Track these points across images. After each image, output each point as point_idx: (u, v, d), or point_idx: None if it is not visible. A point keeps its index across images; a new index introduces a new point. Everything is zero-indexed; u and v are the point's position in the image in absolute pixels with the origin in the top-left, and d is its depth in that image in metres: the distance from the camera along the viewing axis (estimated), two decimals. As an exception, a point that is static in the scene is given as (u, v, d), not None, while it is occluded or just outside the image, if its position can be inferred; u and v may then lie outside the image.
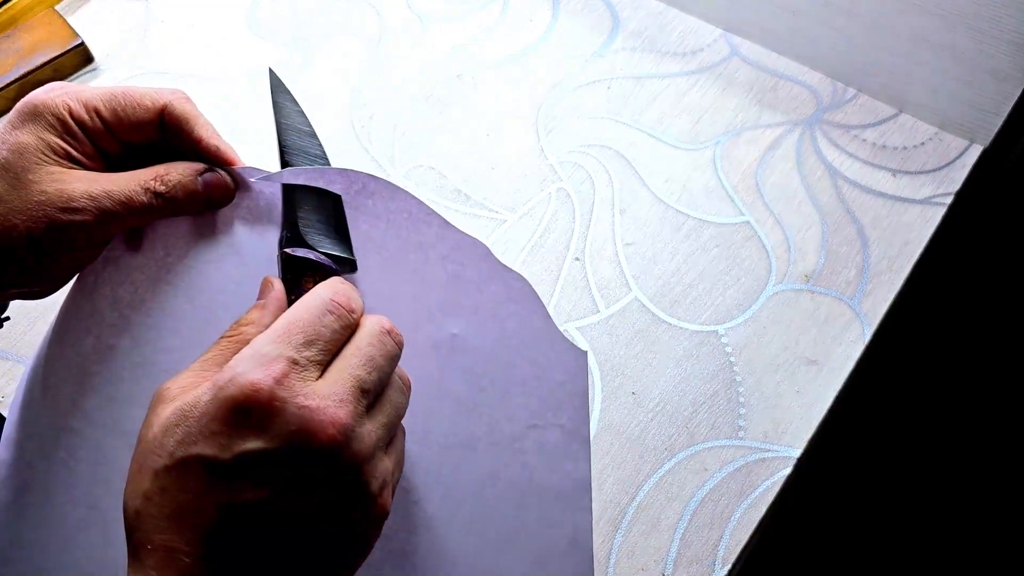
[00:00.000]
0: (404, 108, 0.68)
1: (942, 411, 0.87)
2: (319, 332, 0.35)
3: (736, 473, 0.54)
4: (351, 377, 0.35)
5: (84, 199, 0.40)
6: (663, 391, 0.56)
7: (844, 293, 0.59)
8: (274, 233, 0.44)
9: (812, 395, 0.56)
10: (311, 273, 0.41)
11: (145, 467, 0.34)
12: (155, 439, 0.34)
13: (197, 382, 0.35)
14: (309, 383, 0.34)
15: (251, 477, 0.33)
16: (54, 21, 0.70)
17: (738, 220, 0.62)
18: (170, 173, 0.42)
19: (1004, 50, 0.58)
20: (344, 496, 0.34)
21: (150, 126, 0.42)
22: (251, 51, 0.71)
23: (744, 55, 0.69)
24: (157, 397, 0.36)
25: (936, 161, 0.64)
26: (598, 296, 0.59)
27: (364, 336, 0.37)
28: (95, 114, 0.41)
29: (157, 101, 0.42)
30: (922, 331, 0.78)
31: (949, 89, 0.63)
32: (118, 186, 0.41)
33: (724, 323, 0.58)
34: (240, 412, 0.33)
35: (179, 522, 0.33)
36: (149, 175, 0.42)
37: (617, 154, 0.65)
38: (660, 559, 0.51)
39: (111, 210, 0.40)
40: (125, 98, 0.42)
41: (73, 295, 0.44)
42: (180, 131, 0.43)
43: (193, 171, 0.42)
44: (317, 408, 0.33)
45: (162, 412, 0.35)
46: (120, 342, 0.43)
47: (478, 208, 0.63)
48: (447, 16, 0.73)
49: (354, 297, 0.37)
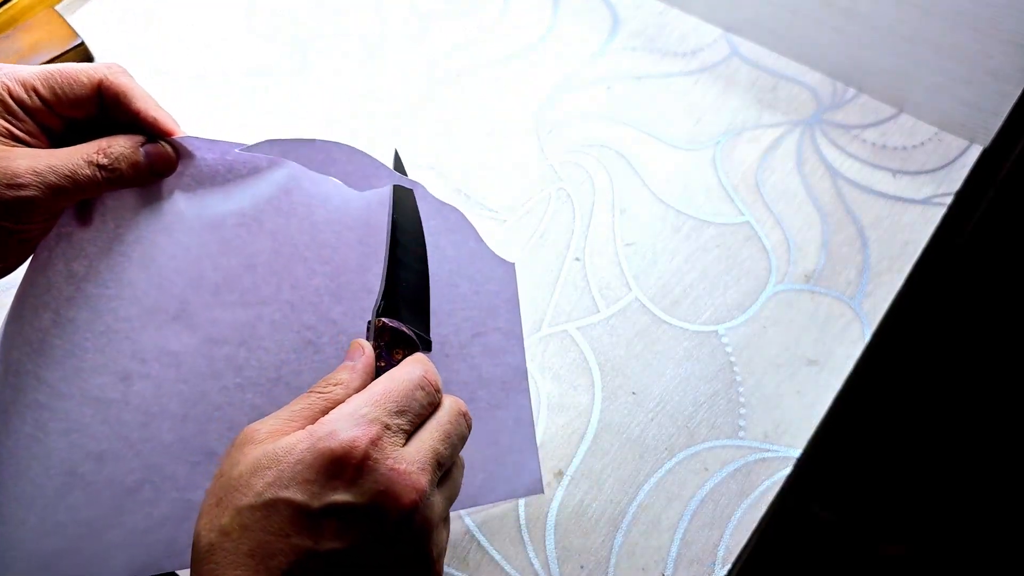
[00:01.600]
0: (404, 108, 0.68)
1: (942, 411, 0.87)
2: (410, 404, 0.38)
3: (736, 473, 0.54)
4: (431, 449, 0.38)
5: (29, 175, 0.40)
6: (663, 391, 0.56)
7: (844, 293, 0.59)
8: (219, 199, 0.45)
9: (812, 395, 0.56)
10: (402, 347, 0.44)
11: (226, 502, 0.35)
12: (241, 477, 0.36)
13: (286, 430, 0.37)
14: (397, 448, 0.37)
15: (334, 527, 0.35)
16: (54, 21, 0.70)
17: (738, 220, 0.62)
18: (112, 146, 0.42)
19: (1004, 50, 0.58)
20: (411, 557, 0.37)
21: (88, 101, 0.43)
22: (251, 51, 0.71)
23: (744, 55, 0.69)
24: (245, 437, 0.38)
25: (936, 161, 0.64)
26: (598, 296, 0.59)
27: (444, 414, 0.40)
28: (33, 92, 0.42)
29: (93, 76, 0.43)
30: (922, 331, 0.78)
31: (949, 89, 0.63)
32: (61, 160, 0.41)
33: (724, 323, 0.58)
34: (335, 465, 0.35)
35: (256, 560, 0.34)
36: (91, 148, 0.42)
37: (617, 154, 0.65)
38: (660, 559, 0.51)
39: (56, 184, 0.41)
40: (62, 75, 0.42)
41: (28, 273, 0.45)
42: (118, 104, 0.43)
43: (134, 143, 0.43)
44: (403, 472, 0.36)
45: (251, 452, 0.36)
46: (79, 314, 0.44)
47: (478, 208, 0.63)
48: (447, 16, 0.73)
49: (439, 378, 0.40)
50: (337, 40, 0.71)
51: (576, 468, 0.54)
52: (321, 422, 0.37)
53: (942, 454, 0.88)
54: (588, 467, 0.54)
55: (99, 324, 0.44)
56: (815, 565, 0.89)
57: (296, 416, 0.38)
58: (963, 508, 0.88)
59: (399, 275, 0.45)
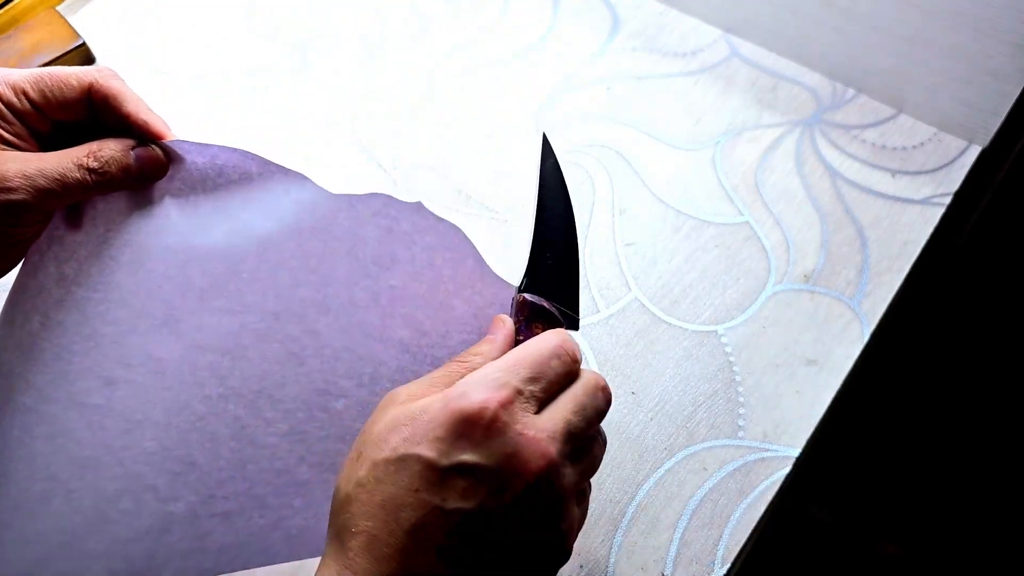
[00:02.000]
0: (404, 108, 0.68)
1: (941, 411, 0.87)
2: (544, 371, 0.38)
3: (736, 473, 0.54)
4: (564, 420, 0.38)
5: (18, 178, 0.41)
6: (663, 391, 0.56)
7: (844, 293, 0.59)
8: (209, 204, 0.45)
9: (812, 395, 0.56)
10: (542, 321, 0.44)
11: (364, 456, 0.37)
12: (380, 434, 0.37)
13: (426, 392, 0.39)
14: (528, 414, 0.37)
15: (460, 487, 0.35)
16: (55, 21, 0.70)
17: (738, 220, 0.62)
18: (102, 149, 0.42)
19: (1003, 50, 0.58)
20: (539, 525, 0.37)
21: (78, 104, 0.43)
22: (251, 51, 0.71)
23: (744, 55, 0.69)
24: (388, 400, 0.39)
25: (935, 161, 0.64)
26: (598, 296, 0.59)
27: (580, 386, 0.39)
28: (23, 96, 0.42)
29: (83, 79, 0.43)
30: (921, 331, 0.78)
31: (948, 89, 0.63)
32: (51, 164, 0.42)
33: (724, 323, 0.58)
34: (465, 425, 0.36)
35: (387, 512, 0.35)
36: (82, 152, 0.42)
37: (617, 154, 0.65)
38: (660, 558, 0.52)
39: (46, 188, 0.41)
40: (52, 78, 0.42)
41: (20, 276, 0.45)
42: (108, 107, 0.43)
43: (124, 146, 0.43)
44: (532, 438, 0.36)
45: (390, 411, 0.38)
46: (68, 317, 0.44)
47: (478, 208, 0.63)
48: (447, 16, 0.73)
49: (578, 349, 0.40)
50: (337, 40, 0.72)
51: (576, 468, 0.54)
52: (456, 385, 0.37)
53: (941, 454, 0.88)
54: (588, 467, 0.54)
55: (86, 328, 0.44)
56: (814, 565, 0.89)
57: (436, 382, 0.39)
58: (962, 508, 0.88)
59: (544, 252, 0.45)
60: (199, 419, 0.45)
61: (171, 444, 0.46)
